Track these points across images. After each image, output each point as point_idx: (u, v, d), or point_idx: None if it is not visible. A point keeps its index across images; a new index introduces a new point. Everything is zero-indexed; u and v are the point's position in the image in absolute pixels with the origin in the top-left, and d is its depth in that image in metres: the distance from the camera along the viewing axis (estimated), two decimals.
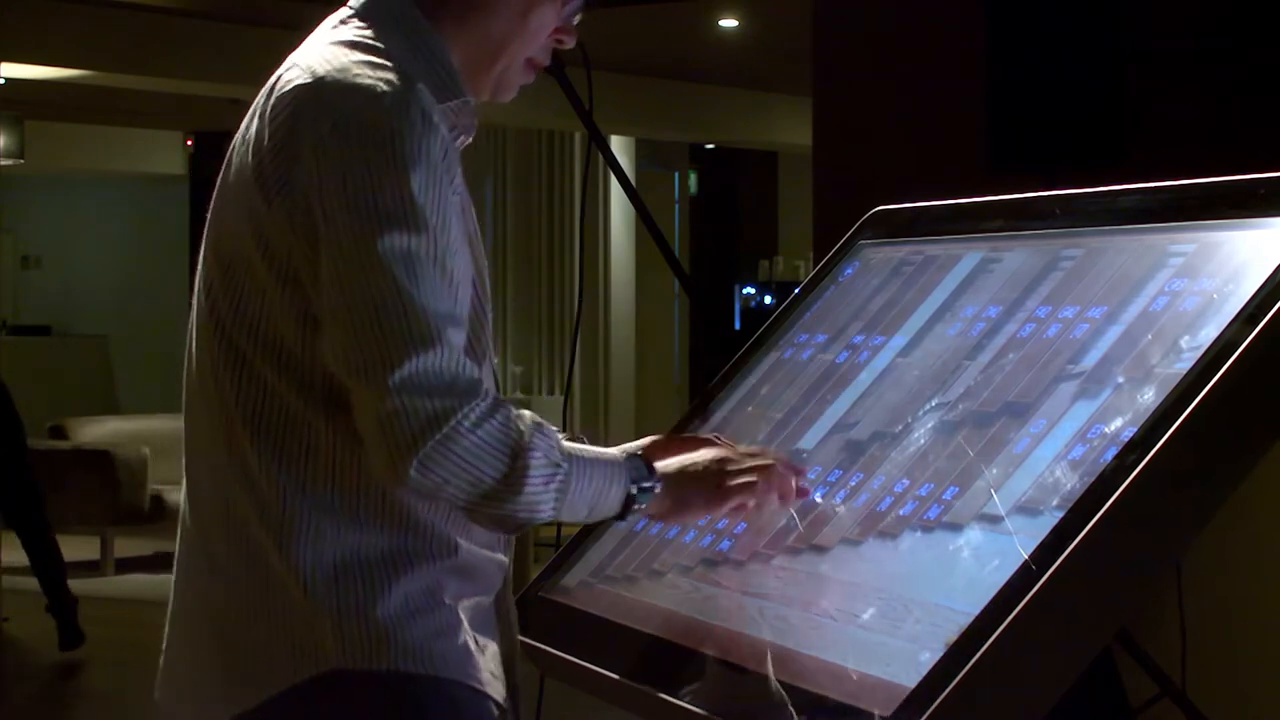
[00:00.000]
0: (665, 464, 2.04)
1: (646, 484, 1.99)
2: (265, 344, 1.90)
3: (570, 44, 2.11)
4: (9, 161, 11.14)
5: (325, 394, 1.88)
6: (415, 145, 1.84)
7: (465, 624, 1.93)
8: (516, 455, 1.84)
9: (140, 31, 9.18)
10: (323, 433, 1.89)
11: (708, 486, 2.06)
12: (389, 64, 1.91)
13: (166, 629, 2.07)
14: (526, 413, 1.88)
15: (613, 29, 9.08)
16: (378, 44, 1.94)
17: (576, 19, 2.10)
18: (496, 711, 1.94)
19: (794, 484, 2.15)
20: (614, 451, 2.01)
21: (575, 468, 1.90)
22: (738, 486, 2.08)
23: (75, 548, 9.97)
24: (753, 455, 2.13)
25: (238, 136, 1.99)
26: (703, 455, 2.09)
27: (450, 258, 1.85)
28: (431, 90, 1.91)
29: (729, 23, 9.85)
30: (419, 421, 1.79)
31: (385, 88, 1.87)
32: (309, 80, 1.90)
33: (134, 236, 15.59)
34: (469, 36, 2.00)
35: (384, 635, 1.86)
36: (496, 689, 1.95)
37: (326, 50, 1.94)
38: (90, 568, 9.71)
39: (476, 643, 1.94)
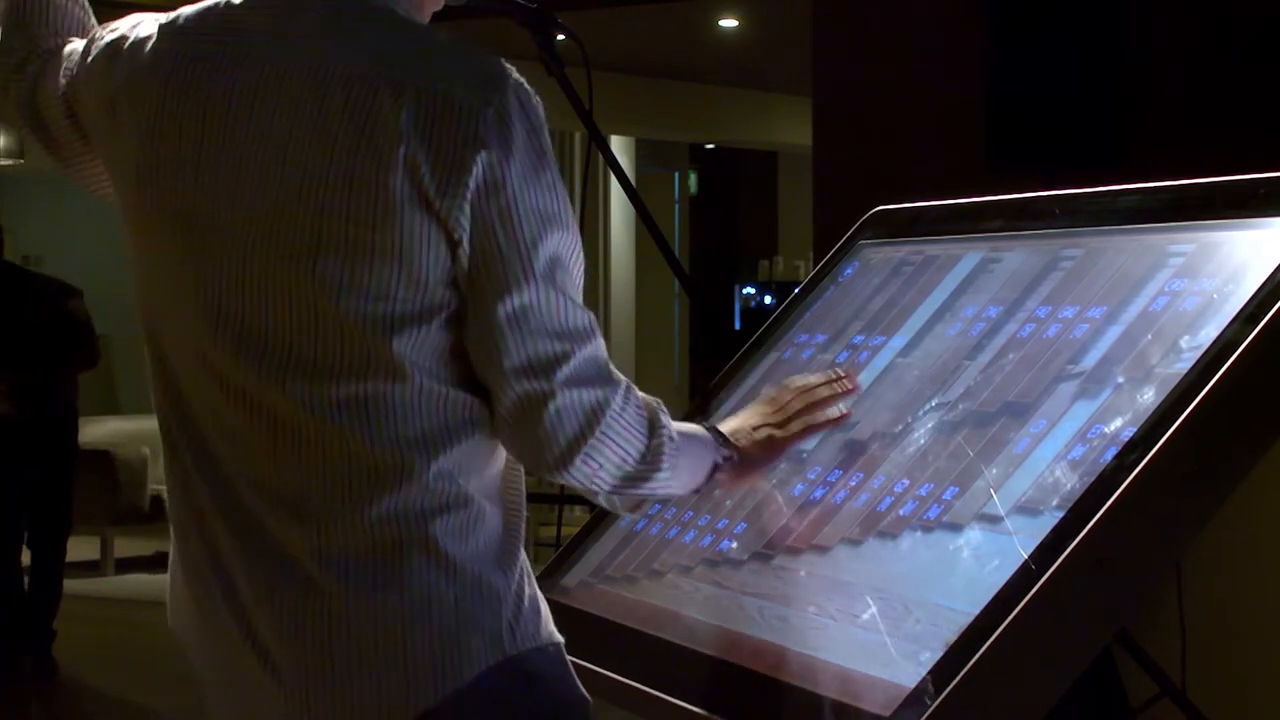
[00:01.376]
0: (728, 432, 2.07)
1: (727, 453, 2.04)
2: (438, 358, 1.82)
3: None
4: (9, 161, 11.15)
5: (472, 386, 1.84)
6: (543, 134, 1.82)
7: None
8: (652, 432, 1.88)
9: None
10: (484, 425, 1.84)
11: (764, 447, 2.10)
12: (459, 40, 1.84)
13: (217, 684, 1.93)
14: (641, 391, 1.90)
15: (613, 29, 9.08)
16: (415, 20, 1.87)
17: None
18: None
19: (837, 408, 2.17)
20: (697, 426, 2.03)
21: (684, 442, 1.94)
22: (790, 437, 2.11)
23: (75, 548, 9.96)
24: (793, 399, 2.15)
25: (261, 142, 1.83)
26: (749, 419, 2.11)
27: (581, 253, 1.86)
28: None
29: (729, 23, 9.85)
30: (585, 414, 1.81)
31: (503, 81, 1.80)
32: (419, 91, 1.77)
33: None
34: None
35: (532, 614, 1.86)
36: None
37: (407, 47, 1.83)
38: (90, 568, 9.71)
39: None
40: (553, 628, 1.90)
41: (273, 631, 1.84)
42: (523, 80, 1.83)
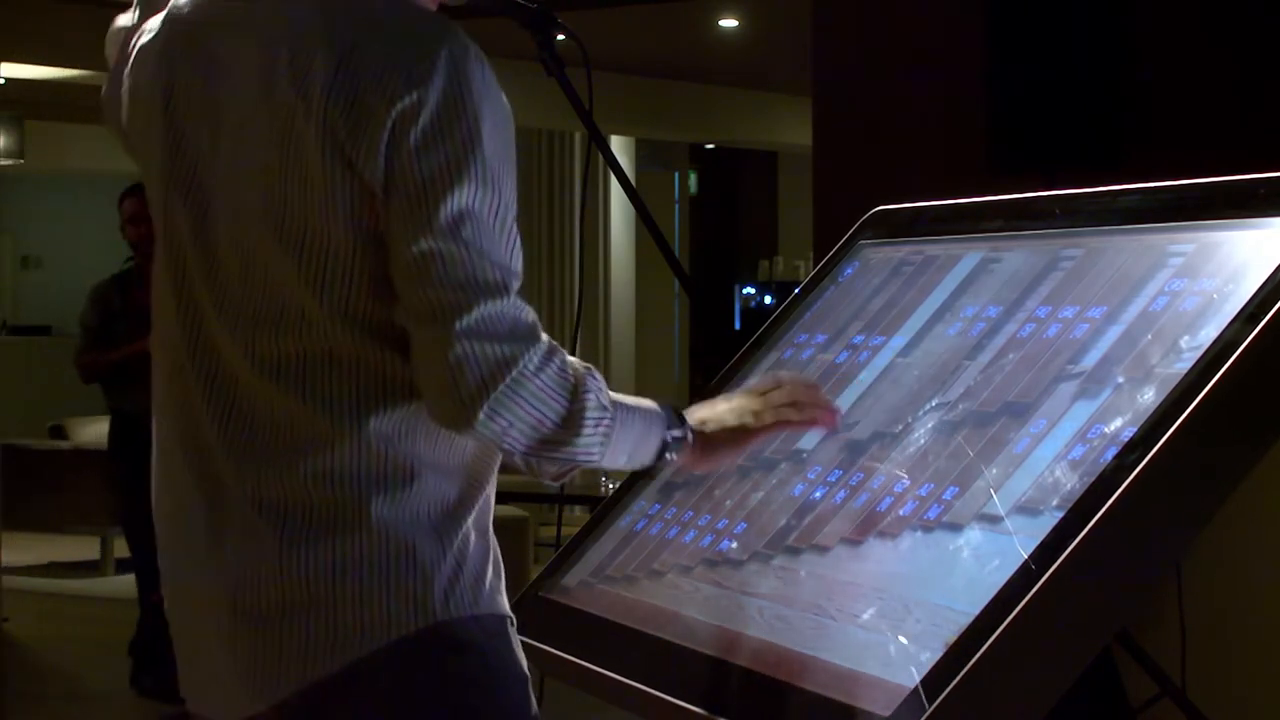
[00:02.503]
0: (692, 415, 2.05)
1: (678, 433, 2.00)
2: (357, 318, 1.86)
3: None
4: (9, 161, 11.14)
5: (409, 351, 1.86)
6: (481, 93, 1.84)
7: (501, 561, 1.96)
8: (574, 397, 1.86)
9: None
10: (415, 388, 1.87)
11: (735, 432, 2.07)
12: (410, 8, 1.88)
13: (179, 623, 2.01)
14: (574, 358, 1.90)
15: (613, 29, 9.08)
16: None
17: None
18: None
19: (818, 414, 2.15)
20: (650, 400, 2.01)
21: (620, 413, 1.92)
22: (772, 426, 2.10)
23: (75, 548, 9.99)
24: (776, 392, 2.13)
25: (218, 112, 1.92)
26: (725, 405, 2.09)
27: (511, 211, 1.87)
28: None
29: (729, 23, 9.85)
30: (488, 367, 1.80)
31: (437, 36, 1.84)
32: (350, 39, 1.84)
33: None
34: None
35: (473, 583, 1.88)
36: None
37: (336, 12, 1.87)
38: (90, 568, 9.72)
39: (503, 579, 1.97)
40: (500, 601, 1.92)
41: (220, 569, 1.92)
42: (466, 44, 1.85)
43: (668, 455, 2.00)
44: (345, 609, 1.85)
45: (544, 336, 1.86)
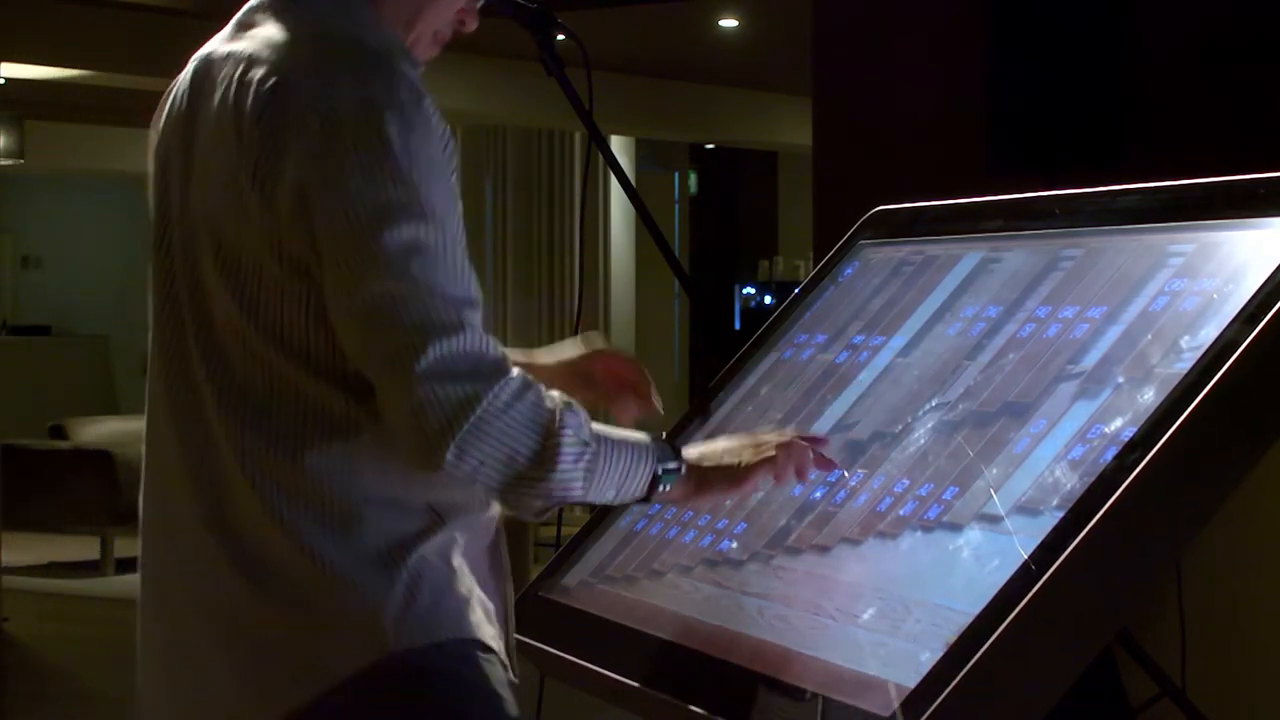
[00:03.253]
0: (688, 449, 2.02)
1: (671, 466, 1.96)
2: (292, 348, 1.87)
3: (472, 27, 2.08)
4: (9, 161, 11.14)
5: (356, 388, 1.86)
6: (410, 129, 1.82)
7: (474, 584, 1.93)
8: (549, 434, 1.83)
9: (140, 31, 9.18)
10: (363, 424, 1.86)
11: (729, 470, 2.04)
12: (359, 46, 1.88)
13: (144, 638, 2.01)
14: (556, 392, 1.87)
15: (613, 29, 9.08)
16: (329, 26, 1.90)
17: (479, 3, 2.07)
18: (502, 668, 1.95)
19: (811, 457, 2.10)
20: (640, 434, 1.98)
21: (604, 447, 1.88)
22: (758, 465, 2.04)
23: (75, 548, 9.98)
24: (769, 437, 2.10)
25: (182, 128, 1.97)
26: (723, 443, 2.07)
27: (458, 242, 1.84)
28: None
29: (729, 23, 9.85)
30: (451, 408, 1.78)
31: (367, 73, 1.84)
32: (279, 78, 1.86)
33: (134, 236, 15.56)
34: (386, 8, 1.96)
35: (428, 612, 1.86)
36: (499, 645, 1.95)
37: (287, 43, 1.90)
38: (90, 568, 9.71)
39: (480, 603, 1.94)
40: (468, 625, 1.89)
41: (194, 601, 1.94)
42: (399, 76, 1.84)
43: (660, 488, 1.96)
44: (301, 645, 1.85)
45: (514, 371, 1.83)
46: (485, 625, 1.93)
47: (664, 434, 2.03)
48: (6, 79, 9.56)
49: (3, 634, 8.02)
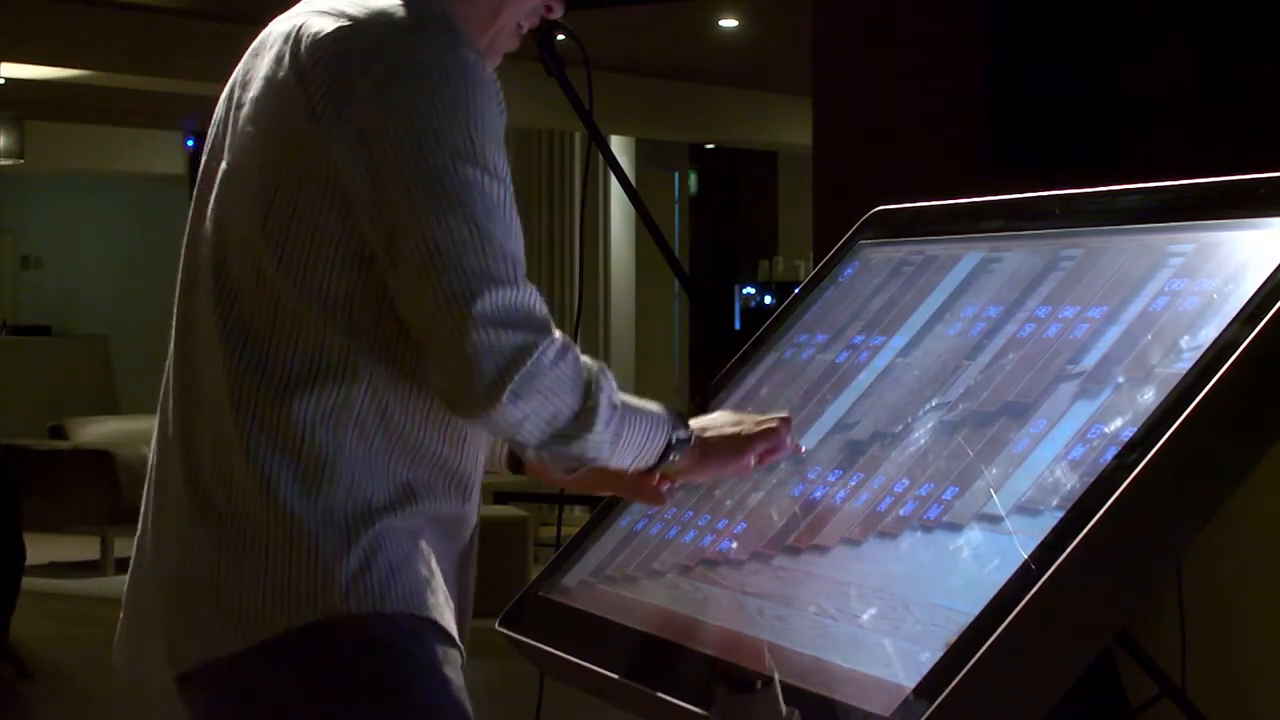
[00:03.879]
0: (694, 421, 2.08)
1: (683, 435, 2.02)
2: (310, 285, 1.88)
3: (560, 12, 2.11)
4: (9, 161, 11.14)
5: (369, 335, 1.88)
6: (471, 82, 1.85)
7: (437, 571, 1.93)
8: (588, 393, 1.87)
9: (140, 31, 9.18)
10: (359, 376, 1.88)
11: (732, 439, 2.10)
12: (423, 6, 1.90)
13: (127, 592, 2.03)
14: (587, 357, 1.90)
15: (613, 29, 9.08)
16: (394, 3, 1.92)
17: None
18: (457, 653, 1.94)
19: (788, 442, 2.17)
20: (654, 403, 2.02)
21: (628, 414, 1.93)
22: (759, 435, 2.11)
23: (75, 548, 9.98)
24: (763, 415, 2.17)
25: (246, 94, 1.97)
26: (720, 416, 2.13)
27: (512, 198, 1.87)
28: None
29: (729, 23, 9.85)
30: (506, 354, 1.80)
31: (431, 27, 1.87)
32: (348, 23, 1.88)
33: (134, 236, 15.59)
34: (467, 1, 1.98)
35: (382, 582, 1.86)
36: (456, 633, 1.95)
37: (351, 6, 1.91)
38: (90, 568, 9.71)
39: (444, 592, 1.93)
40: (421, 603, 1.88)
41: (159, 542, 1.98)
42: (460, 38, 1.87)
43: (671, 456, 2.01)
44: (247, 592, 1.85)
45: (557, 331, 1.86)
46: (445, 611, 1.92)
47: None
48: (6, 79, 9.57)
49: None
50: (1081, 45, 4.88)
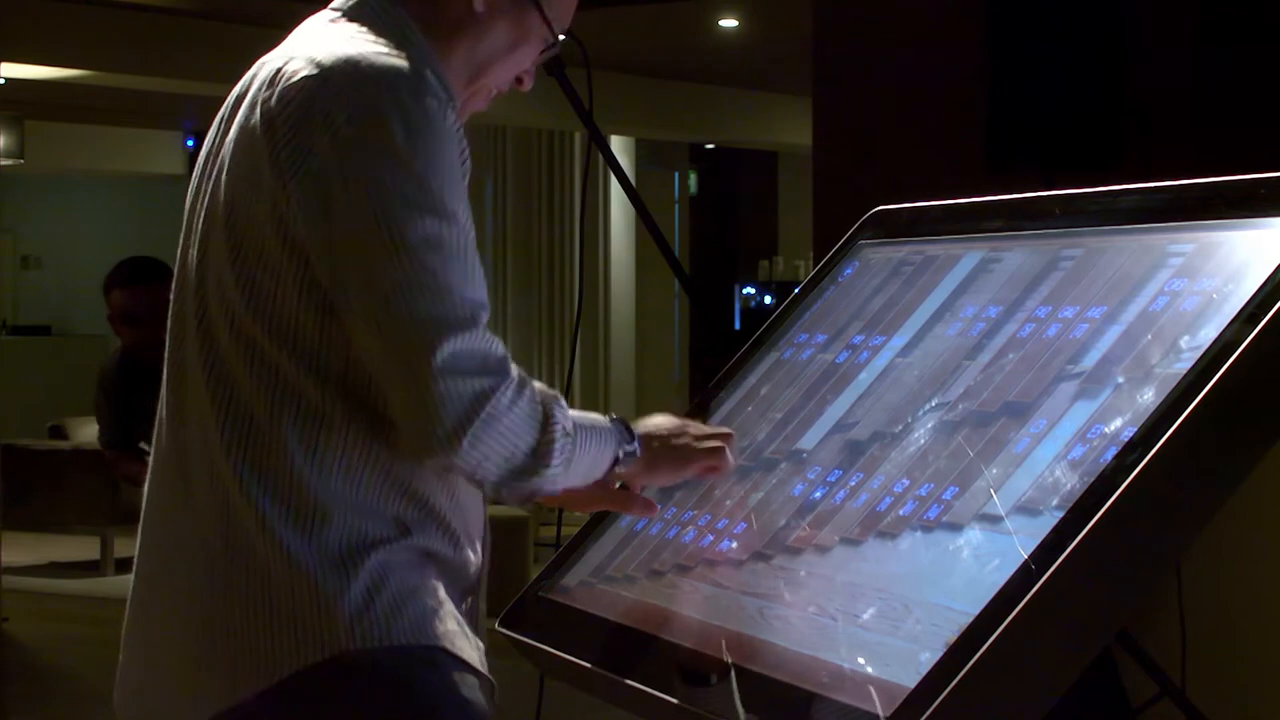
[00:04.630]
0: (638, 427, 2.09)
1: (629, 448, 2.05)
2: (280, 332, 1.89)
3: (528, 86, 2.15)
4: (9, 161, 11.14)
5: (340, 382, 1.89)
6: (432, 132, 1.85)
7: (447, 600, 1.93)
8: (544, 429, 1.89)
9: (140, 31, 9.18)
10: (337, 420, 1.89)
11: (676, 450, 2.13)
12: (395, 53, 1.92)
13: (127, 631, 2.03)
14: (537, 383, 1.92)
15: (613, 29, 9.08)
16: (378, 38, 1.94)
17: (542, 61, 2.15)
18: (477, 679, 1.94)
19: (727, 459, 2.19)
20: (599, 415, 2.04)
21: (579, 436, 1.95)
22: (704, 451, 2.14)
23: (75, 548, 9.98)
24: (704, 427, 2.19)
25: (223, 133, 1.99)
26: (666, 422, 2.14)
27: (471, 245, 1.88)
28: None
29: (729, 23, 9.85)
30: (465, 403, 1.81)
31: (395, 75, 1.88)
32: (315, 71, 1.89)
33: (134, 236, 15.56)
34: (453, 56, 2.01)
35: (387, 615, 1.86)
36: (478, 661, 1.95)
37: (327, 43, 1.94)
38: (90, 568, 9.72)
39: (456, 619, 1.94)
40: (432, 632, 1.89)
41: (173, 586, 1.97)
42: (416, 82, 1.88)
43: (618, 468, 2.04)
44: (257, 634, 1.86)
45: (513, 368, 1.88)
46: (459, 638, 1.92)
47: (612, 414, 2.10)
48: (6, 79, 9.56)
49: (3, 634, 8.02)
50: (1082, 45, 4.88)
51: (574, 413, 1.96)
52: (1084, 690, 1.90)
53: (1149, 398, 1.90)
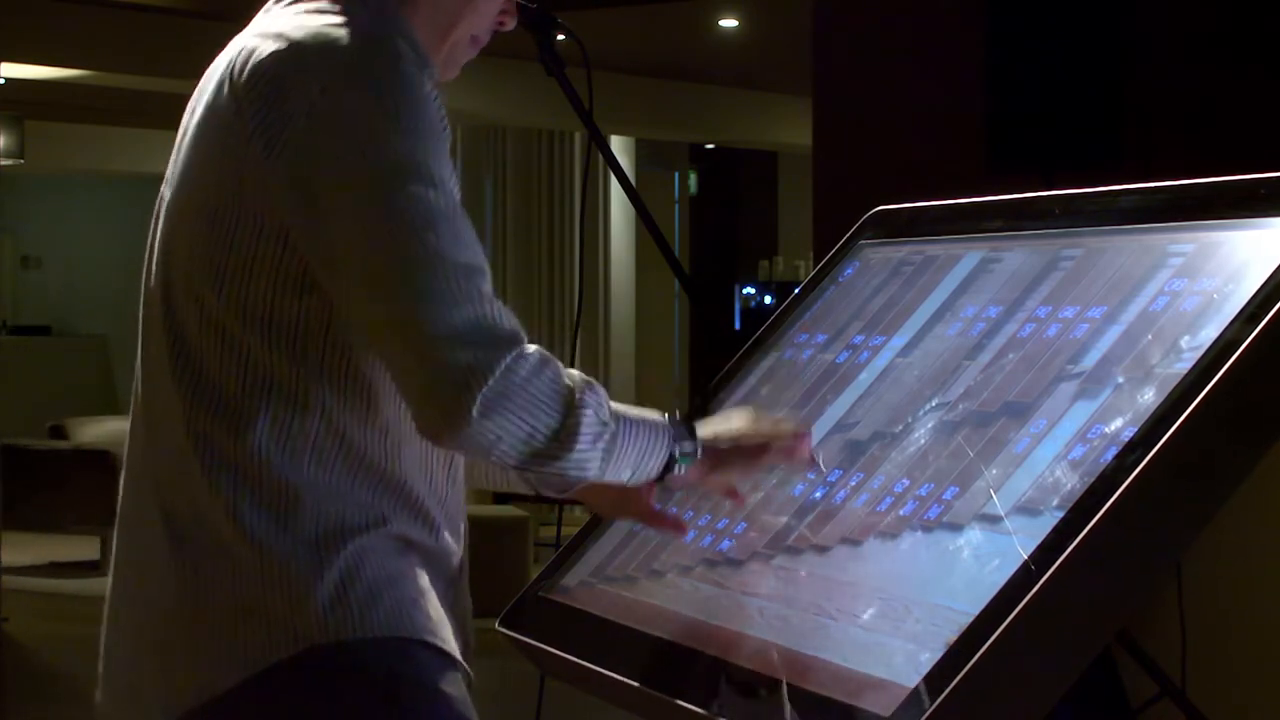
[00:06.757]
0: (703, 429, 2.01)
1: (688, 448, 1.96)
2: (251, 315, 1.85)
3: (511, 25, 2.10)
4: (9, 161, 11.14)
5: (318, 363, 1.85)
6: (411, 98, 1.81)
7: (429, 590, 1.90)
8: (569, 412, 1.81)
9: (140, 31, 9.18)
10: (311, 403, 1.85)
11: (746, 454, 2.04)
12: (364, 22, 1.88)
13: (106, 630, 2.02)
14: (575, 370, 1.85)
15: (613, 29, 9.08)
16: (344, 10, 1.90)
17: None
18: (459, 673, 1.91)
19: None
20: (656, 413, 1.96)
21: (622, 427, 1.87)
22: (776, 454, 2.05)
23: (75, 548, 9.98)
24: (780, 422, 2.11)
25: (192, 120, 1.97)
26: (736, 422, 2.06)
27: (460, 210, 1.82)
28: None
29: (729, 23, 9.85)
30: (463, 373, 1.74)
31: (368, 44, 1.84)
32: (285, 46, 1.85)
33: (134, 236, 15.54)
34: (418, 17, 1.96)
35: (362, 606, 1.83)
36: (462, 657, 1.92)
37: (293, 19, 1.90)
38: (90, 568, 9.71)
39: (437, 609, 1.91)
40: (409, 624, 1.85)
41: (141, 583, 1.96)
42: (397, 52, 1.84)
43: (676, 469, 1.96)
44: (231, 626, 1.83)
45: (532, 346, 1.81)
46: (439, 629, 1.88)
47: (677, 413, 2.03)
48: (6, 79, 9.56)
49: (3, 634, 8.02)
50: (1081, 45, 4.88)
51: (623, 406, 1.89)
52: (1084, 690, 1.90)
53: (1149, 398, 1.90)
